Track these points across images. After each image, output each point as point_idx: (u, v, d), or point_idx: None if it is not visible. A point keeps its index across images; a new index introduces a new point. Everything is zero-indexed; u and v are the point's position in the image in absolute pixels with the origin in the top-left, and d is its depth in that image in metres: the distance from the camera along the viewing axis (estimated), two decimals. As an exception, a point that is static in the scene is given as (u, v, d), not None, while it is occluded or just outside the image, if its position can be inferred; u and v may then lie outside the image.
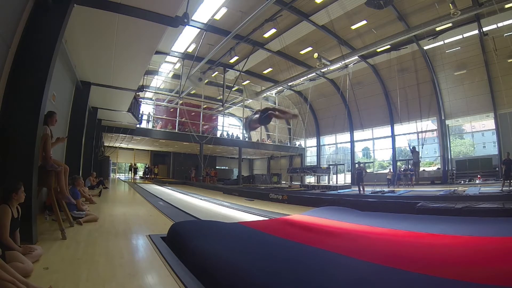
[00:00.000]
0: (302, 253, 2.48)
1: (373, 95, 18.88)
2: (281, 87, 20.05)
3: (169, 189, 12.89)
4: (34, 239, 2.82)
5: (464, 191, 8.47)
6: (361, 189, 10.99)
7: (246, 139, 21.87)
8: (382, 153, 20.59)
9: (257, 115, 4.32)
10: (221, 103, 19.16)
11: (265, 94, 20.69)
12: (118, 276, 2.10)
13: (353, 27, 13.77)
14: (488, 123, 15.57)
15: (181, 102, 19.03)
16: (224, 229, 3.32)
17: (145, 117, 18.06)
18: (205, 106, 21.30)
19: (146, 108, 19.29)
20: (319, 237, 3.14)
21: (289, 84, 18.76)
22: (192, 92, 18.98)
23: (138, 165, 26.07)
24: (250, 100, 21.30)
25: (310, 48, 15.90)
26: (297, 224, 4.04)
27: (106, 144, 18.50)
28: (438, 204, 5.11)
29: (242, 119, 23.30)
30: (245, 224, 3.95)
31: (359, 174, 11.23)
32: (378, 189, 11.95)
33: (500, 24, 11.98)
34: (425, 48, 15.06)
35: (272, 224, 4.16)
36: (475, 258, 2.22)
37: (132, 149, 24.13)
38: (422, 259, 2.22)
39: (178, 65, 17.90)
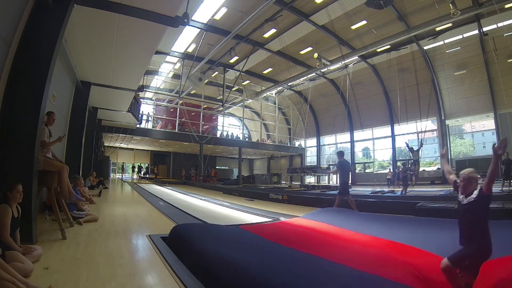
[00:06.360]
0: (304, 262, 2.46)
1: (373, 95, 18.88)
2: (281, 87, 20.04)
3: (169, 189, 12.89)
4: (34, 239, 2.82)
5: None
6: (403, 192, 9.59)
7: (246, 139, 21.85)
8: (382, 153, 20.58)
9: None
10: (221, 103, 19.16)
11: (265, 94, 20.69)
12: (118, 276, 2.10)
13: (353, 27, 13.75)
14: (488, 123, 15.55)
15: (181, 102, 19.02)
16: (227, 233, 3.33)
17: (145, 117, 18.05)
18: (205, 106, 21.29)
19: (146, 108, 19.31)
20: (317, 245, 3.11)
21: (289, 84, 18.74)
22: (192, 92, 18.98)
23: (140, 165, 26.03)
24: (250, 100, 21.31)
25: (310, 48, 15.89)
26: (298, 229, 4.04)
27: (106, 144, 18.49)
28: (438, 204, 5.12)
29: (242, 119, 23.29)
30: (247, 228, 3.94)
31: (404, 177, 9.79)
32: (378, 189, 11.95)
33: (500, 24, 11.95)
34: (425, 48, 15.05)
35: (274, 229, 4.14)
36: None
37: (132, 149, 24.13)
38: (412, 274, 2.17)
39: (178, 65, 17.89)
